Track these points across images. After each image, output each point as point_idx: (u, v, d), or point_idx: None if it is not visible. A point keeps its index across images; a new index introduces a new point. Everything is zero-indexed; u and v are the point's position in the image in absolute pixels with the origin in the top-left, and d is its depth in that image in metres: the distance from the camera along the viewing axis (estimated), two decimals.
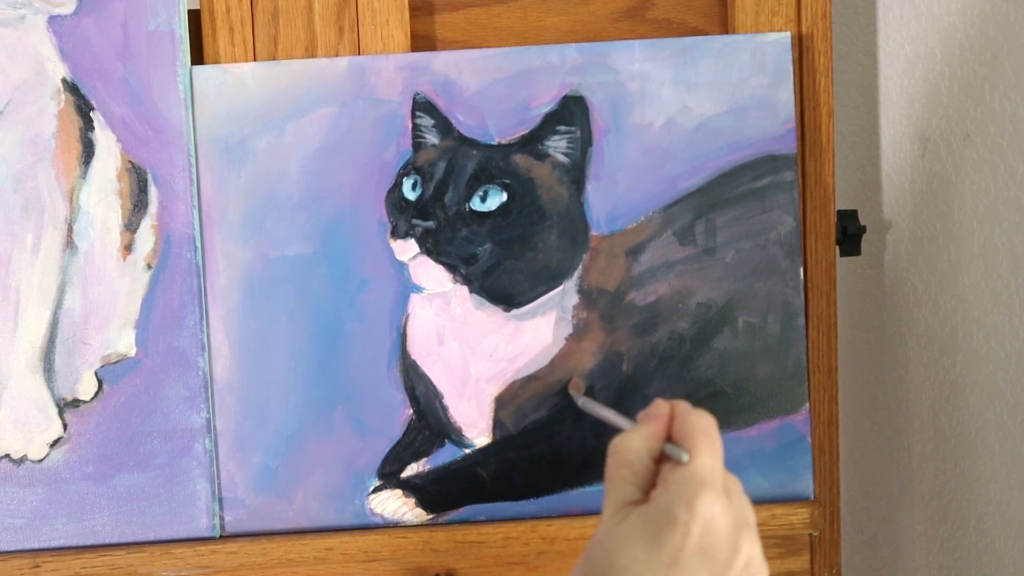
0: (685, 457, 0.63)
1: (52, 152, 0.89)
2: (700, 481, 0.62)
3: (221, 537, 0.91)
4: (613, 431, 0.90)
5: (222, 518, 0.91)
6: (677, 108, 0.90)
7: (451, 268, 0.89)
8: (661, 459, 0.66)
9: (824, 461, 0.94)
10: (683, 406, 0.67)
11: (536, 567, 0.93)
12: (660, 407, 0.67)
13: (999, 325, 0.89)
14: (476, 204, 0.89)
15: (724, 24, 0.93)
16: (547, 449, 0.91)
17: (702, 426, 0.65)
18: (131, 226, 0.89)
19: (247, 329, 0.90)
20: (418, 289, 0.90)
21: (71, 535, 0.90)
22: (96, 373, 0.90)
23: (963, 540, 0.96)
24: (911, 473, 1.03)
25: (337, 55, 0.91)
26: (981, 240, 0.90)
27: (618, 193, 0.90)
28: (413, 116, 0.90)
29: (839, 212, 0.95)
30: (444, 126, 0.90)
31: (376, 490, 0.91)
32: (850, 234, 0.96)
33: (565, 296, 0.90)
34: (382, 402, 0.91)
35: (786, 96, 0.91)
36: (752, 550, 0.63)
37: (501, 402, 0.91)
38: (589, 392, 0.90)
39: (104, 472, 0.90)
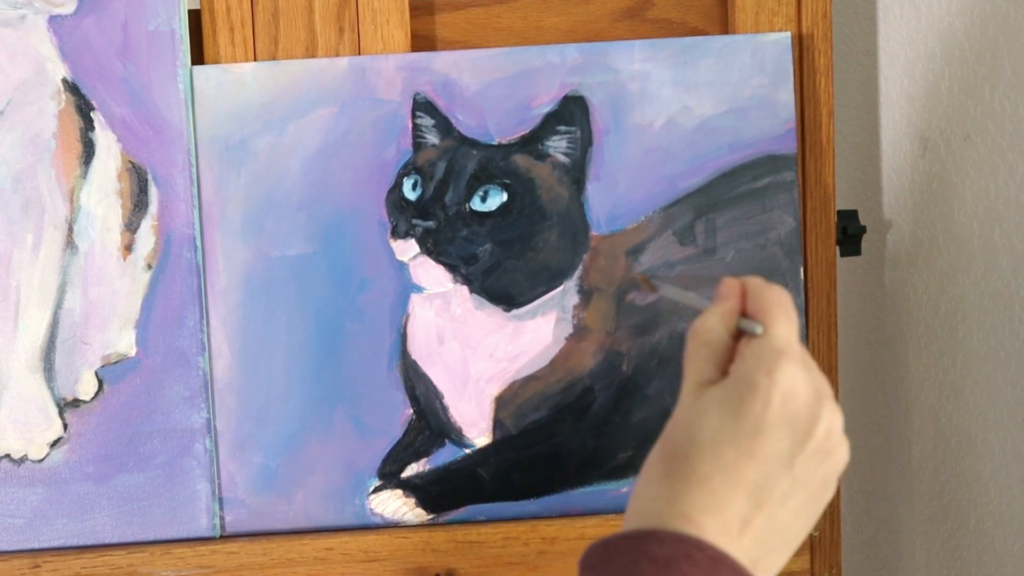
0: (759, 329, 0.63)
1: (52, 152, 0.89)
2: (778, 350, 0.61)
3: (221, 537, 0.91)
4: (614, 432, 0.91)
5: (222, 518, 0.91)
6: (677, 108, 0.90)
7: (451, 268, 0.89)
8: (738, 335, 0.65)
9: None
10: (755, 282, 0.66)
11: (536, 567, 0.93)
12: (731, 284, 0.66)
13: (999, 325, 0.89)
14: (476, 204, 0.89)
15: (724, 24, 0.93)
16: (547, 449, 0.91)
17: (776, 298, 0.64)
18: (131, 226, 0.89)
19: (247, 329, 0.90)
20: (418, 289, 0.90)
21: (71, 535, 0.90)
22: (96, 373, 0.90)
23: (963, 540, 0.96)
24: (911, 473, 1.03)
25: (337, 55, 0.91)
26: (981, 240, 0.90)
27: (618, 193, 0.90)
28: (413, 116, 0.90)
29: (839, 212, 0.95)
30: (444, 126, 0.90)
31: (376, 490, 0.91)
32: (850, 234, 0.96)
33: (565, 296, 0.90)
34: (382, 402, 0.91)
35: (786, 96, 0.91)
36: (833, 420, 0.62)
37: (501, 402, 0.91)
38: (587, 394, 0.90)
39: (104, 472, 0.90)
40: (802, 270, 0.91)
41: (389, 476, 0.91)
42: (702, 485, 0.59)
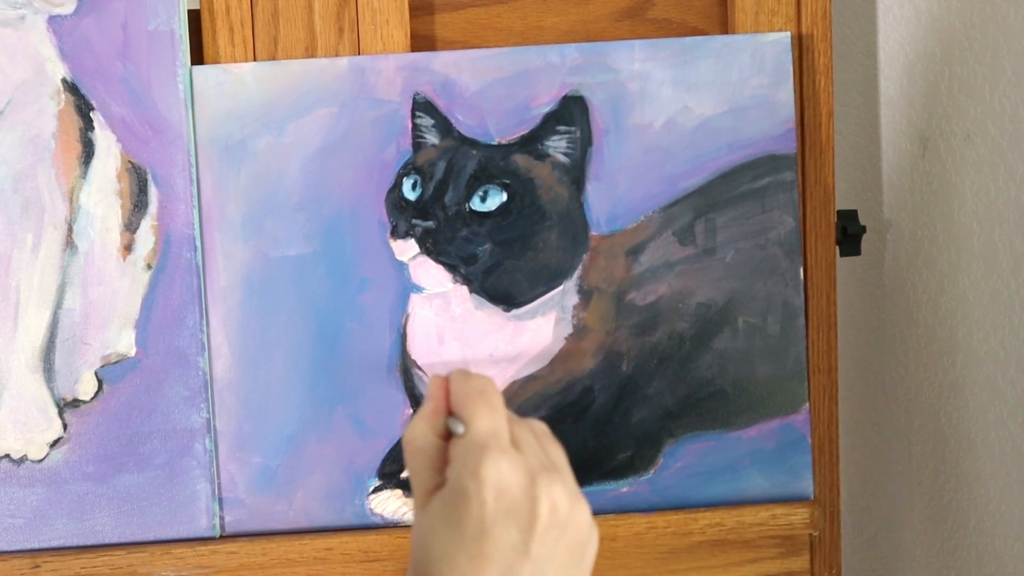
0: (461, 429, 0.62)
1: (52, 152, 0.89)
2: (480, 446, 0.61)
3: (221, 537, 0.91)
4: (614, 432, 0.91)
5: (222, 518, 0.91)
6: (677, 108, 0.90)
7: (451, 268, 0.89)
8: (448, 435, 0.64)
9: (824, 461, 0.94)
10: (455, 375, 0.65)
11: None
12: (435, 383, 0.66)
13: (999, 325, 0.89)
14: (476, 204, 0.89)
15: (724, 24, 0.93)
16: None
17: (475, 389, 0.64)
18: (131, 226, 0.89)
19: (247, 329, 0.90)
20: (418, 289, 0.90)
21: (71, 535, 0.90)
22: (96, 373, 0.90)
23: (963, 540, 0.96)
24: (911, 473, 1.03)
25: (337, 55, 0.91)
26: (981, 240, 0.90)
27: (618, 193, 0.90)
28: (413, 116, 0.90)
29: (839, 212, 0.95)
30: (444, 126, 0.90)
31: (376, 490, 0.91)
32: (850, 234, 0.96)
33: (565, 296, 0.90)
34: (382, 402, 0.91)
35: (786, 96, 0.91)
36: (553, 493, 0.62)
37: None
38: (587, 394, 0.90)
39: (104, 472, 0.90)
40: (802, 270, 0.91)
41: (389, 476, 0.91)
42: None
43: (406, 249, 0.90)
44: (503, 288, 0.90)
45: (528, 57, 0.90)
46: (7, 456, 0.89)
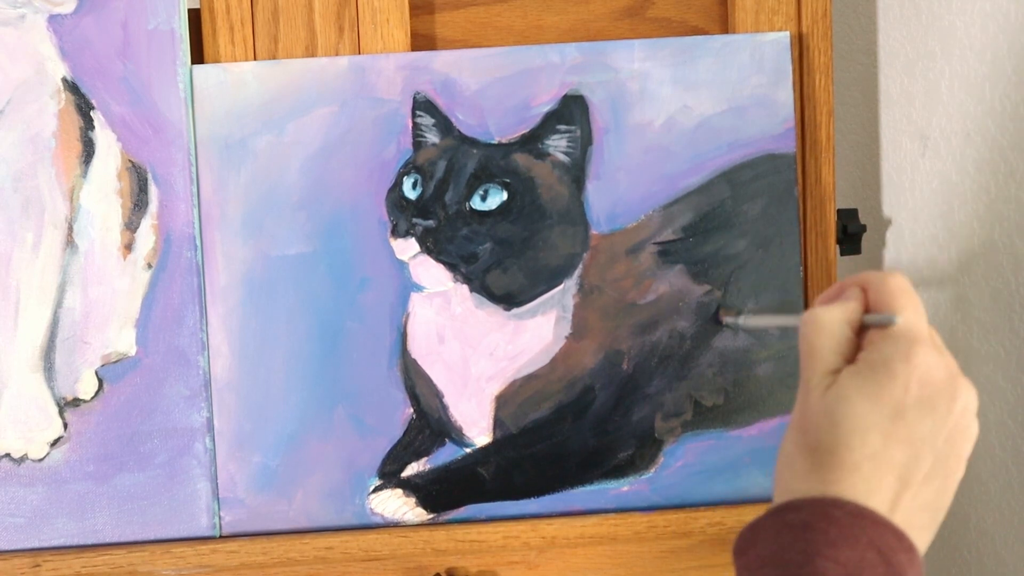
0: (898, 320, 0.64)
1: (52, 151, 0.89)
2: (912, 337, 0.63)
3: (221, 537, 0.91)
4: (614, 430, 0.91)
5: (222, 518, 0.91)
6: (677, 107, 0.90)
7: (451, 267, 0.89)
8: (860, 331, 0.66)
9: None
10: (874, 276, 0.67)
11: (536, 566, 0.93)
12: (852, 285, 0.68)
13: (999, 325, 0.89)
14: (476, 203, 0.89)
15: (724, 23, 0.93)
16: (547, 448, 0.91)
17: (899, 287, 0.66)
18: (131, 225, 0.89)
19: (247, 329, 0.90)
20: (418, 288, 0.90)
21: (71, 534, 0.90)
22: (96, 372, 0.90)
23: (963, 540, 0.96)
24: None
25: (337, 54, 0.91)
26: (981, 239, 0.90)
27: (618, 192, 0.90)
28: (413, 115, 0.90)
29: (839, 211, 0.95)
30: (444, 125, 0.90)
31: (376, 489, 0.91)
32: (850, 233, 0.96)
33: (565, 295, 0.90)
34: (382, 401, 0.91)
35: (786, 95, 0.91)
36: (968, 397, 0.64)
37: (501, 401, 0.91)
38: (587, 392, 0.90)
39: (104, 471, 0.90)
40: (802, 270, 0.91)
41: (389, 475, 0.91)
42: (853, 473, 0.61)
43: (406, 248, 0.90)
44: (503, 287, 0.90)
45: (528, 56, 0.90)
46: (7, 455, 0.89)
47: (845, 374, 0.64)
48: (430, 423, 0.91)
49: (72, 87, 0.89)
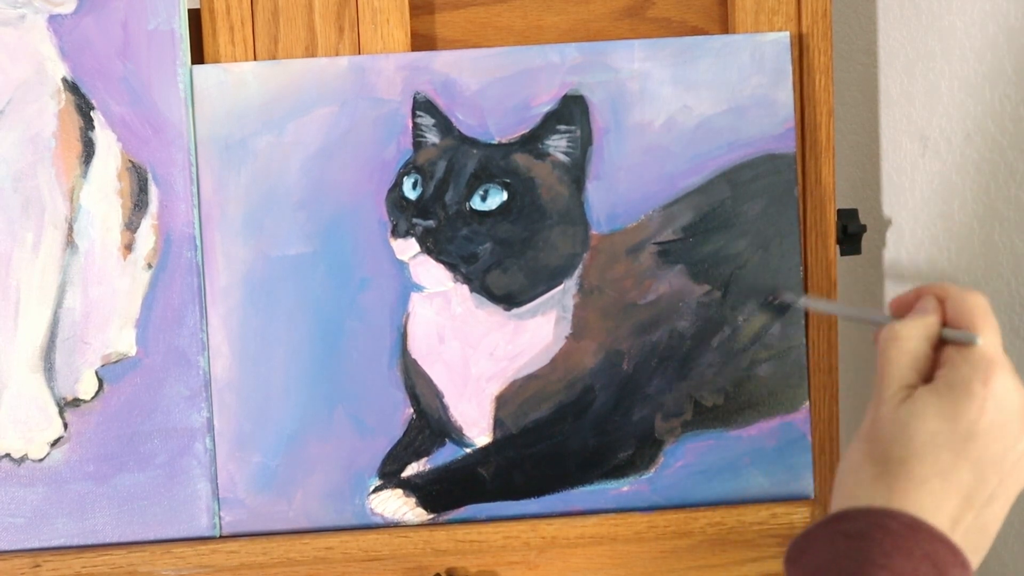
0: (978, 340, 0.65)
1: (52, 151, 0.89)
2: (991, 360, 0.64)
3: (221, 537, 0.91)
4: (614, 430, 0.91)
5: (221, 518, 0.91)
6: (677, 107, 0.90)
7: (451, 267, 0.90)
8: (939, 345, 0.67)
9: (824, 460, 0.94)
10: (954, 290, 0.68)
11: (536, 566, 0.93)
12: (929, 302, 0.69)
13: (999, 325, 0.89)
14: (476, 203, 0.89)
15: (724, 23, 0.94)
16: (548, 448, 0.91)
17: (980, 307, 0.67)
18: (131, 225, 0.89)
19: (247, 329, 0.90)
20: (418, 288, 0.90)
21: (71, 534, 0.90)
22: (96, 372, 0.90)
23: None
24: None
25: (337, 54, 0.91)
26: (981, 239, 0.90)
27: (618, 192, 0.90)
28: (413, 115, 0.90)
29: (839, 211, 0.95)
30: (444, 125, 0.90)
31: (376, 490, 0.91)
32: (850, 233, 0.96)
33: (565, 295, 0.90)
34: (382, 401, 0.91)
35: (785, 95, 0.91)
36: None
37: (502, 401, 0.91)
38: (587, 392, 0.90)
39: (104, 471, 0.90)
40: (802, 270, 0.91)
41: (389, 476, 0.91)
42: (921, 487, 0.62)
43: (406, 248, 0.90)
44: (504, 287, 0.90)
45: (528, 56, 0.90)
46: (8, 455, 0.89)
47: (922, 391, 0.65)
48: (430, 423, 0.91)
49: (72, 87, 0.89)
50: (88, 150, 0.89)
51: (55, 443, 0.89)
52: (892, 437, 0.64)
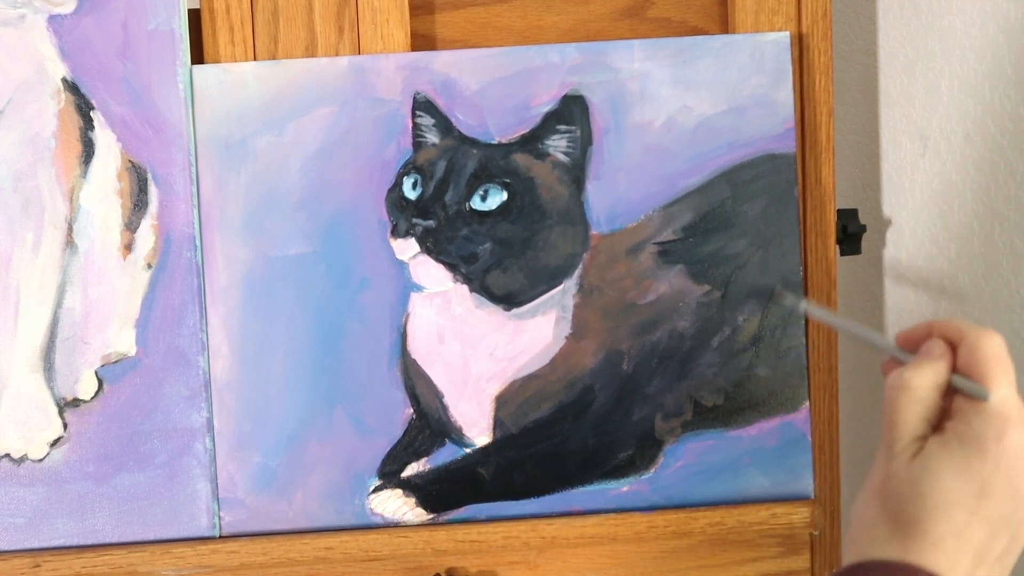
0: (990, 397, 0.64)
1: (52, 151, 0.89)
2: (1005, 416, 0.63)
3: (221, 537, 0.91)
4: (614, 430, 0.91)
5: (221, 518, 0.91)
6: (677, 107, 0.90)
7: (451, 267, 0.89)
8: (948, 392, 0.66)
9: (824, 460, 0.94)
10: (970, 333, 0.67)
11: (536, 566, 0.93)
12: (938, 346, 0.67)
13: (999, 325, 0.89)
14: (476, 203, 0.89)
15: (724, 23, 0.94)
16: (548, 448, 0.91)
17: (995, 354, 0.66)
18: (131, 225, 0.89)
19: (247, 329, 0.90)
20: (418, 288, 0.90)
21: (71, 534, 0.90)
22: (96, 372, 0.90)
23: None
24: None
25: (337, 54, 0.91)
26: (981, 239, 0.90)
27: (618, 192, 0.90)
28: (413, 115, 0.90)
29: (839, 211, 0.95)
30: (444, 125, 0.90)
31: (376, 490, 0.91)
32: (850, 233, 0.96)
33: (565, 295, 0.90)
34: (382, 401, 0.91)
35: (785, 95, 0.91)
36: None
37: (501, 401, 0.91)
38: (587, 392, 0.90)
39: (104, 471, 0.90)
40: (802, 270, 0.91)
41: (389, 476, 0.91)
42: (936, 547, 0.62)
43: (406, 248, 0.90)
44: (503, 287, 0.90)
45: (528, 56, 0.90)
46: (7, 455, 0.89)
47: (933, 444, 0.64)
48: (430, 423, 0.91)
49: (72, 87, 0.89)
50: (88, 150, 0.89)
51: (55, 443, 0.89)
52: (905, 495, 0.63)
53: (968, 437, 0.63)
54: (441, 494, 0.91)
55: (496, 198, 0.89)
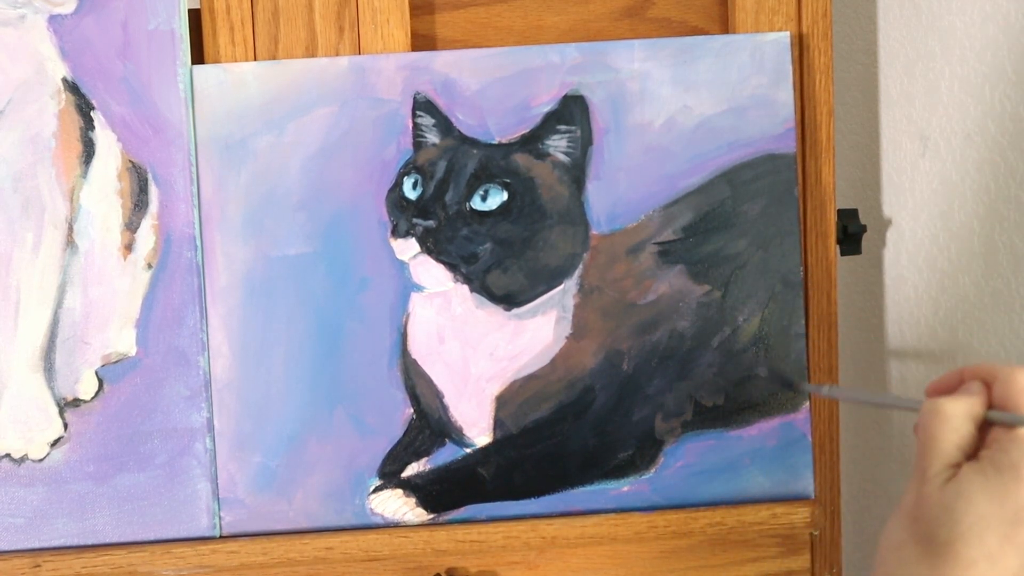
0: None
1: (52, 151, 0.89)
2: None
3: (221, 537, 0.91)
4: (614, 430, 0.91)
5: (221, 518, 0.91)
6: (677, 107, 0.90)
7: (452, 267, 0.90)
8: (983, 427, 0.67)
9: (824, 460, 0.94)
10: (999, 370, 0.68)
11: (536, 566, 0.93)
12: (975, 386, 0.68)
13: (999, 325, 0.89)
14: (476, 203, 0.89)
15: (724, 23, 0.94)
16: (548, 448, 0.91)
17: None
18: (131, 225, 0.89)
19: (247, 329, 0.90)
20: (419, 288, 0.90)
21: (71, 535, 0.90)
22: (96, 372, 0.90)
23: None
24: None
25: (337, 54, 0.91)
26: (981, 239, 0.90)
27: (618, 192, 0.90)
28: (413, 115, 0.90)
29: (839, 211, 0.95)
30: (444, 125, 0.90)
31: (376, 490, 0.91)
32: (850, 233, 0.96)
33: (566, 295, 0.90)
34: (382, 401, 0.91)
35: (786, 95, 0.91)
36: None
37: (502, 401, 0.91)
38: (588, 393, 0.90)
39: (104, 471, 0.90)
40: (802, 269, 0.91)
41: (389, 476, 0.91)
42: (967, 570, 0.62)
43: (407, 248, 0.90)
44: (504, 287, 0.90)
45: (528, 56, 0.90)
46: (8, 455, 0.89)
47: (968, 471, 0.64)
48: (430, 423, 0.91)
49: (72, 87, 0.89)
50: (88, 150, 0.89)
51: (55, 443, 0.89)
52: (937, 518, 0.64)
53: (1004, 464, 0.64)
54: (441, 494, 0.91)
55: (496, 198, 0.89)
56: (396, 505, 0.91)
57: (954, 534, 0.63)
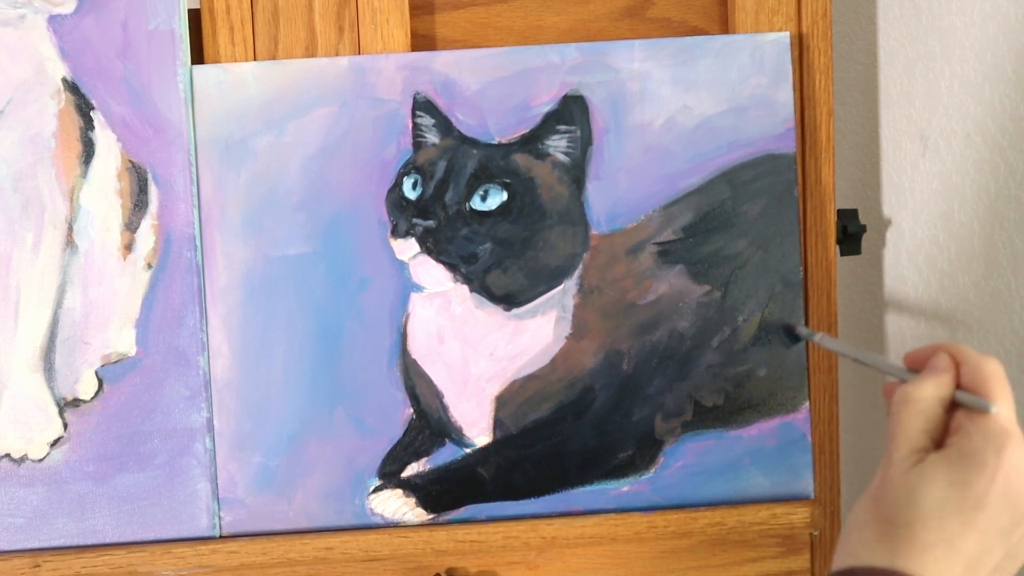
0: (993, 408, 0.65)
1: (52, 151, 0.89)
2: (1005, 430, 0.64)
3: (221, 537, 0.91)
4: (614, 430, 0.91)
5: (221, 518, 0.91)
6: (677, 107, 0.90)
7: (451, 267, 0.89)
8: (951, 408, 0.68)
9: (824, 460, 0.94)
10: (969, 354, 0.68)
11: (536, 566, 0.93)
12: (943, 359, 0.69)
13: (999, 325, 0.89)
14: (476, 203, 0.89)
15: (724, 23, 0.94)
16: (548, 448, 0.91)
17: (996, 375, 0.67)
18: (131, 225, 0.89)
19: (247, 329, 0.90)
20: (418, 288, 0.90)
21: (71, 535, 0.90)
22: (96, 372, 0.89)
23: None
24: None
25: (337, 54, 0.91)
26: (981, 239, 0.90)
27: (618, 192, 0.90)
28: (413, 115, 0.90)
29: (839, 211, 0.95)
30: (444, 125, 0.90)
31: (376, 490, 0.91)
32: (850, 233, 0.96)
33: (565, 295, 0.90)
34: (382, 401, 0.91)
35: (785, 95, 0.91)
36: None
37: (501, 401, 0.91)
38: (587, 393, 0.90)
39: (104, 471, 0.90)
40: (802, 269, 0.91)
41: (389, 476, 0.91)
42: (925, 552, 0.62)
43: (406, 248, 0.90)
44: (503, 287, 0.90)
45: (528, 56, 0.90)
46: (7, 455, 0.89)
47: (934, 457, 0.65)
48: (430, 423, 0.91)
49: (72, 87, 0.89)
50: (88, 150, 0.89)
51: (55, 443, 0.89)
52: (899, 500, 0.64)
53: (968, 450, 0.64)
54: (441, 494, 0.91)
55: (496, 198, 0.89)
56: (396, 505, 0.91)
57: (914, 516, 0.63)
